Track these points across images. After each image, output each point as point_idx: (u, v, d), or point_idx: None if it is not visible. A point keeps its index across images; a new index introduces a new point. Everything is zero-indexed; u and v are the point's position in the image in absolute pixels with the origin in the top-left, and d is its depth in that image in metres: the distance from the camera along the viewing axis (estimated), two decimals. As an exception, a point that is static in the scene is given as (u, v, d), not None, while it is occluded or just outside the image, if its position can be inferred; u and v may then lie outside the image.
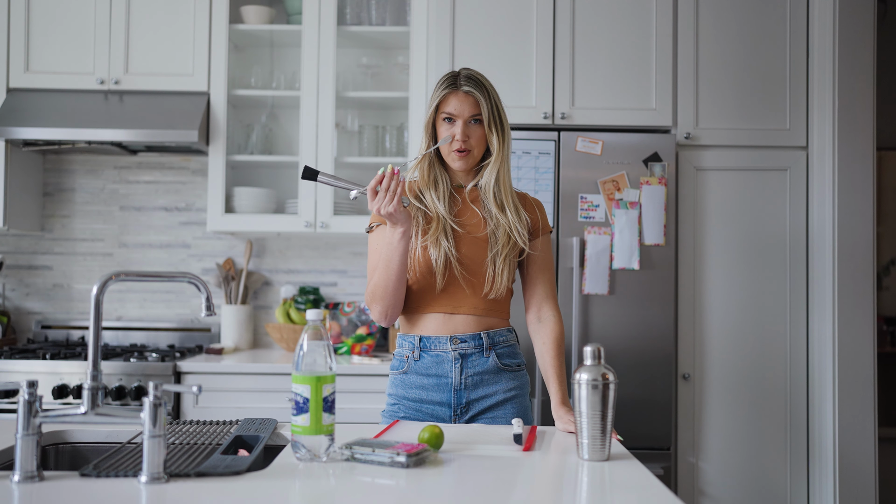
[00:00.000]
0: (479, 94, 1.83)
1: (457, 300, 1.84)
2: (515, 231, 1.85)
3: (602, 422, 1.44)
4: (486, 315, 1.87)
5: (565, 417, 1.76)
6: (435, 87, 1.88)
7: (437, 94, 1.85)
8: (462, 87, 1.84)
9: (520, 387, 1.90)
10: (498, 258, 1.84)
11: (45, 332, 3.45)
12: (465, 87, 1.84)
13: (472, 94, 1.84)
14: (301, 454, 1.38)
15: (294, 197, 3.29)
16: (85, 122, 3.07)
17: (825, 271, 2.84)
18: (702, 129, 2.93)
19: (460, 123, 1.83)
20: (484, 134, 1.85)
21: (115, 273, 1.45)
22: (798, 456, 2.88)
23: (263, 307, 3.51)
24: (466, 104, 1.83)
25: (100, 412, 1.39)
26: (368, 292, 1.85)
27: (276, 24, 3.39)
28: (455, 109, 1.83)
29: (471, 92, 1.83)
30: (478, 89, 1.84)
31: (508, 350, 1.89)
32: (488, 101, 1.84)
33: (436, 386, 1.85)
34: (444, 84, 1.86)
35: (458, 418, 1.85)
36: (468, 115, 1.83)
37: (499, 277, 1.84)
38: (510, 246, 1.85)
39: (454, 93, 1.84)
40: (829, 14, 2.86)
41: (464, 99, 1.83)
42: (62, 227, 3.52)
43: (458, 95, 1.84)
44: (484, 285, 1.84)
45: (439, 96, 1.85)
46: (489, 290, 1.84)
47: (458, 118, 1.83)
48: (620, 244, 2.81)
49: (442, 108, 1.85)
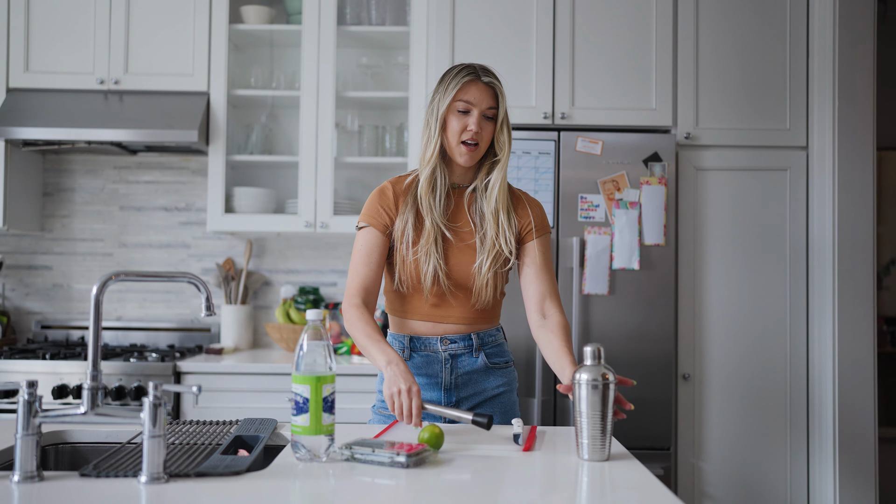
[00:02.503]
0: (499, 88, 1.81)
1: (445, 311, 1.84)
2: (502, 238, 1.81)
3: (602, 422, 1.44)
4: (475, 322, 1.86)
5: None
6: (446, 77, 1.81)
7: (456, 81, 1.78)
8: (482, 78, 1.79)
9: (507, 383, 1.91)
10: (483, 266, 1.81)
11: (44, 332, 3.45)
12: (486, 79, 1.80)
13: (494, 87, 1.80)
14: (301, 454, 1.38)
15: (294, 197, 3.29)
16: (85, 122, 3.07)
17: (825, 271, 2.84)
18: (702, 129, 2.93)
19: (476, 114, 1.78)
20: (493, 131, 1.81)
21: (114, 273, 1.45)
22: (798, 455, 2.88)
23: (263, 307, 3.51)
24: (486, 95, 1.79)
25: (100, 412, 1.39)
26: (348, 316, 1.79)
27: (275, 24, 3.39)
28: (474, 98, 1.78)
29: (492, 83, 1.80)
30: (499, 84, 1.82)
31: (497, 349, 1.89)
32: (504, 99, 1.82)
33: (426, 385, 1.85)
34: (463, 73, 1.79)
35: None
36: (486, 106, 1.78)
37: (484, 289, 1.81)
38: (494, 254, 1.81)
39: (474, 82, 1.79)
40: (829, 14, 2.85)
41: (484, 90, 1.79)
42: (62, 227, 3.52)
43: (478, 85, 1.79)
44: (472, 296, 1.83)
45: (458, 84, 1.78)
46: (476, 301, 1.83)
47: (475, 108, 1.78)
48: (620, 244, 2.81)
49: (459, 97, 1.78)
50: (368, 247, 1.83)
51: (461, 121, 1.79)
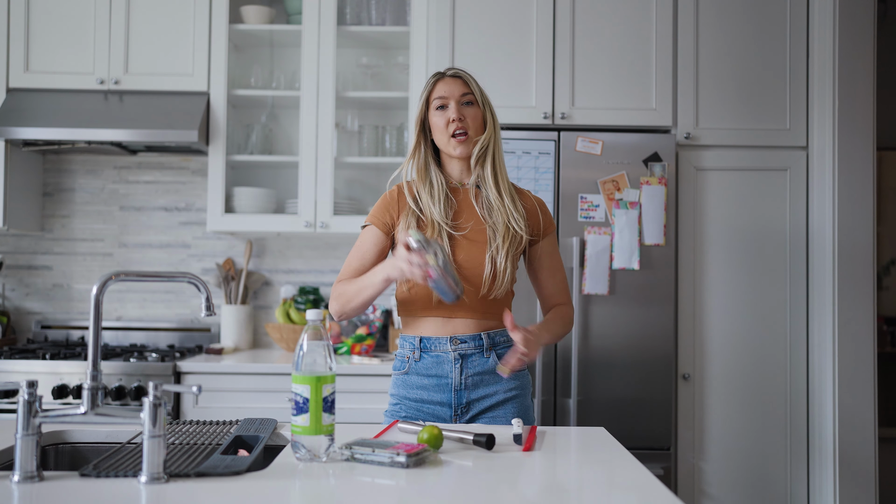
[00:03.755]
0: (466, 76, 1.92)
1: (454, 305, 1.84)
2: (513, 220, 1.85)
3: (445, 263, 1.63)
4: (485, 318, 1.86)
5: (521, 329, 1.72)
6: (423, 88, 1.95)
7: (427, 86, 1.93)
8: (448, 74, 1.93)
9: (521, 387, 1.89)
10: (498, 254, 1.83)
11: (44, 332, 3.45)
12: (451, 72, 1.94)
13: (459, 76, 1.93)
14: (301, 454, 1.38)
15: (294, 197, 3.29)
16: (85, 122, 3.07)
17: (825, 271, 2.84)
18: (702, 129, 2.93)
19: (453, 105, 1.88)
20: (479, 115, 1.90)
21: (114, 273, 1.45)
22: (798, 456, 2.88)
23: (263, 307, 3.51)
24: (455, 84, 1.90)
25: (99, 412, 1.39)
26: (336, 289, 1.86)
27: (276, 24, 3.39)
28: (445, 92, 1.89)
29: (457, 74, 1.93)
30: (463, 72, 1.93)
31: (509, 350, 1.89)
32: (476, 83, 1.93)
33: (436, 386, 1.85)
34: (431, 78, 1.94)
35: (458, 418, 1.85)
36: (458, 94, 1.89)
37: (500, 276, 1.83)
38: (510, 238, 1.85)
39: (441, 79, 1.92)
40: (829, 14, 2.85)
41: (452, 81, 1.91)
42: (62, 227, 3.52)
43: (445, 80, 1.92)
44: (482, 288, 1.83)
45: (429, 87, 1.92)
46: (488, 292, 1.83)
47: (449, 100, 1.89)
48: (620, 244, 2.81)
49: (432, 97, 1.91)
50: (366, 244, 1.91)
51: (442, 115, 1.89)
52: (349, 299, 1.83)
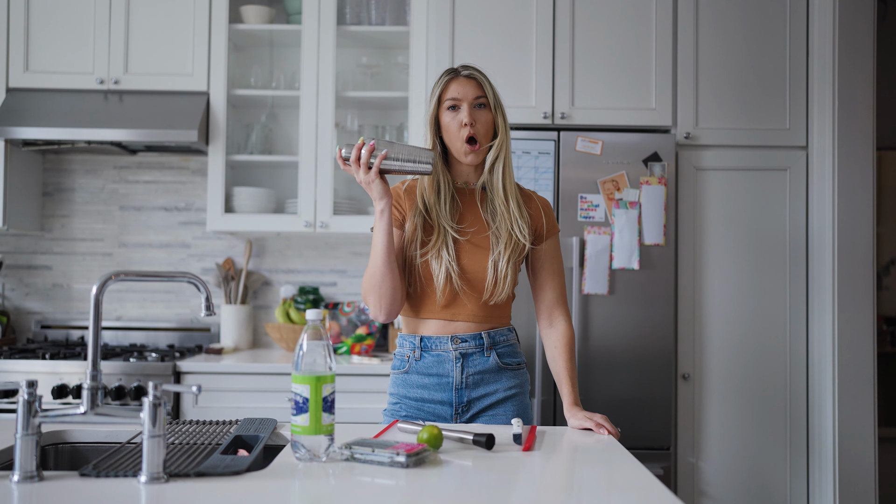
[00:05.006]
0: (481, 77, 1.86)
1: (456, 309, 1.84)
2: (516, 227, 1.84)
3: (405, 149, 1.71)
4: (485, 321, 1.86)
5: (579, 415, 1.76)
6: (435, 83, 1.89)
7: (439, 84, 1.86)
8: (462, 73, 1.86)
9: (520, 385, 1.90)
10: (500, 260, 1.83)
11: (44, 332, 3.45)
12: (466, 72, 1.86)
13: (474, 77, 1.86)
14: (301, 454, 1.38)
15: (294, 197, 3.29)
16: (85, 122, 3.07)
17: (825, 271, 2.84)
18: (701, 129, 2.93)
19: (465, 107, 1.83)
20: (490, 119, 1.85)
21: (114, 273, 1.45)
22: (798, 455, 2.88)
23: (263, 307, 3.51)
24: (469, 86, 1.84)
25: (99, 412, 1.38)
26: (363, 285, 1.85)
27: (275, 23, 3.39)
28: (458, 93, 1.84)
29: (472, 75, 1.86)
30: (478, 73, 1.87)
31: (509, 349, 1.89)
32: (490, 85, 1.87)
33: (437, 385, 1.85)
34: (444, 75, 1.88)
35: (459, 417, 1.85)
36: (472, 96, 1.84)
37: (501, 282, 1.83)
38: (512, 245, 1.84)
39: (455, 79, 1.86)
40: (829, 14, 2.85)
41: (465, 82, 1.85)
42: (62, 226, 3.52)
43: (459, 80, 1.85)
44: (484, 293, 1.83)
45: (441, 86, 1.86)
46: (489, 297, 1.83)
47: (462, 101, 1.83)
48: (620, 244, 2.81)
49: (445, 97, 1.85)
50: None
51: (455, 118, 1.84)
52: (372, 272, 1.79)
